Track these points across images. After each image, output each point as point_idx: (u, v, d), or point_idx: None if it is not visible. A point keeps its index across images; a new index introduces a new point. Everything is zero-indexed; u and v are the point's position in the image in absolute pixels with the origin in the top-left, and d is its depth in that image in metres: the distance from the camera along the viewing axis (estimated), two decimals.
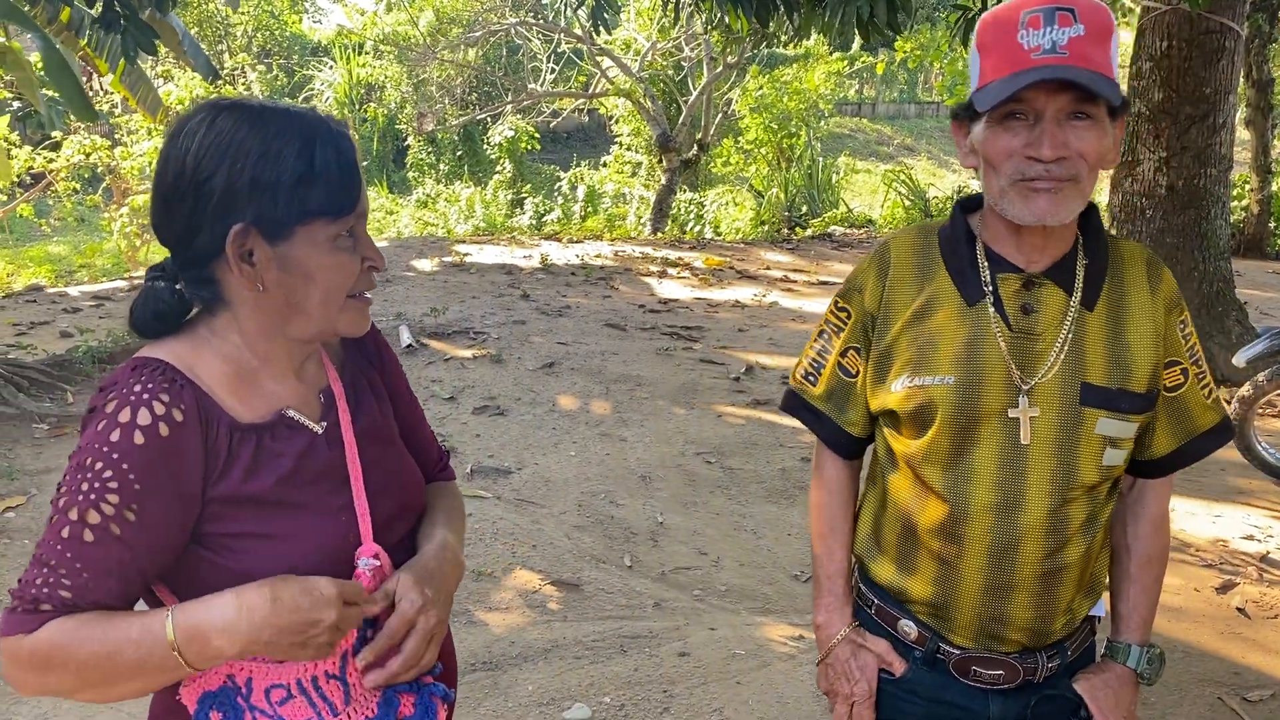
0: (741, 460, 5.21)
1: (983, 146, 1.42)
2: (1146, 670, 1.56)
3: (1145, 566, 1.58)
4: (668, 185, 15.36)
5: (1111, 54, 1.36)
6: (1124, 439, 1.46)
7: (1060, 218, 1.39)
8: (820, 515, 1.69)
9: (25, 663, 1.13)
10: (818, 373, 1.64)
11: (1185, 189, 6.71)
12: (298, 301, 1.22)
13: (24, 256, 12.83)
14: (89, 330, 7.12)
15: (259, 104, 1.21)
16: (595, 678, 3.24)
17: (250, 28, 22.51)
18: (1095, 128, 1.36)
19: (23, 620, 1.13)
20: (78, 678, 1.13)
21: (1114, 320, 1.47)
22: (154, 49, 5.40)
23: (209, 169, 1.16)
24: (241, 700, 1.19)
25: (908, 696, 1.58)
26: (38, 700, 3.03)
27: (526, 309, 8.34)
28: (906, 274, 1.53)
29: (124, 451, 1.12)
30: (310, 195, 1.18)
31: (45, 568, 1.14)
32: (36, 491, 4.44)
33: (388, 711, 1.23)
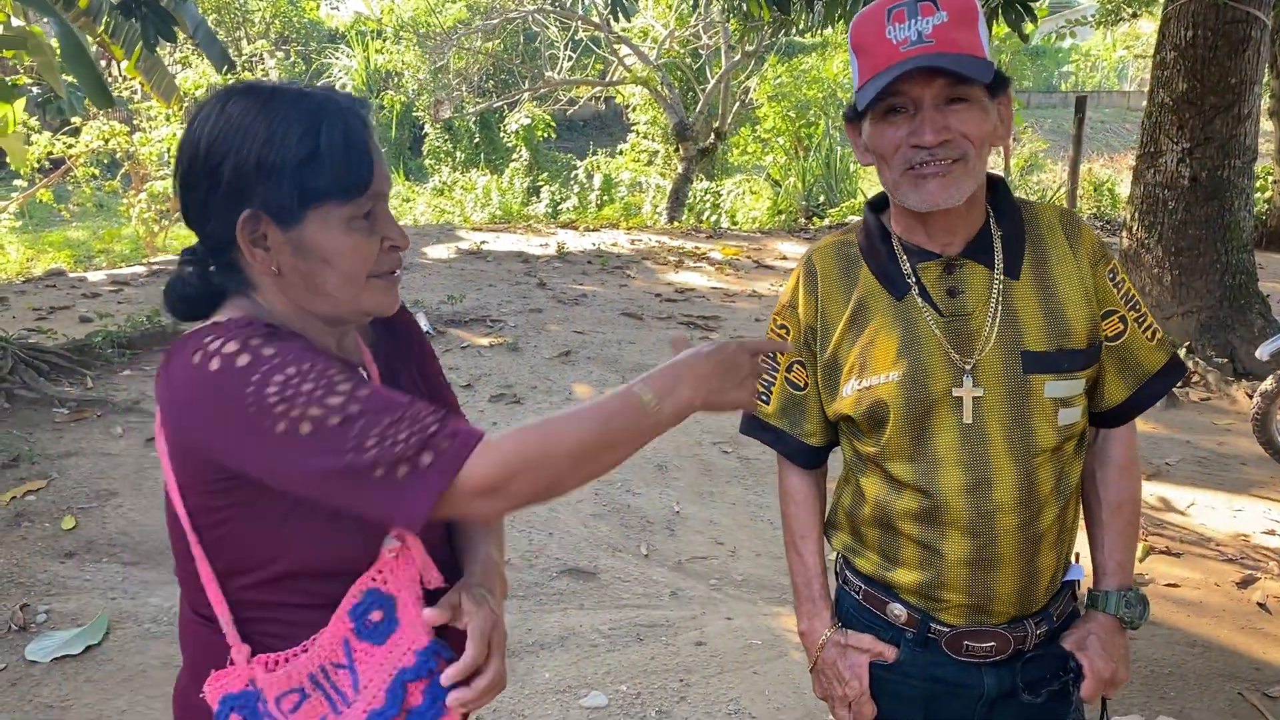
0: (758, 450, 5.19)
1: (871, 142, 1.47)
2: (1127, 613, 1.58)
3: (1116, 512, 1.60)
4: (684, 174, 15.32)
5: (980, 34, 1.41)
6: (1074, 396, 1.50)
7: (953, 199, 1.42)
8: (789, 525, 1.72)
9: (509, 465, 1.09)
10: (768, 391, 1.68)
11: (1209, 180, 6.64)
12: (317, 284, 1.21)
13: (44, 242, 12.90)
14: (108, 315, 7.16)
15: (271, 87, 1.20)
16: (612, 666, 3.24)
17: (268, 14, 22.53)
18: (974, 109, 1.40)
19: (469, 433, 1.10)
20: (570, 460, 1.13)
21: (1041, 284, 1.50)
22: (173, 35, 5.42)
23: (219, 154, 1.16)
24: (260, 705, 1.19)
25: (903, 680, 1.60)
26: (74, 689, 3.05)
27: (543, 297, 8.34)
28: (834, 282, 1.58)
29: (288, 350, 1.12)
30: (317, 177, 1.16)
31: (390, 427, 1.07)
32: (57, 475, 4.47)
33: (395, 700, 1.21)
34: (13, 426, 4.98)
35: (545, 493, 1.14)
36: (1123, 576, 1.60)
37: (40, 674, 3.11)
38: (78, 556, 3.83)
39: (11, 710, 2.93)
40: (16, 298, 8.01)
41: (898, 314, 1.51)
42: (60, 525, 4.05)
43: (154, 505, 4.27)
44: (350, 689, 1.20)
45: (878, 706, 1.61)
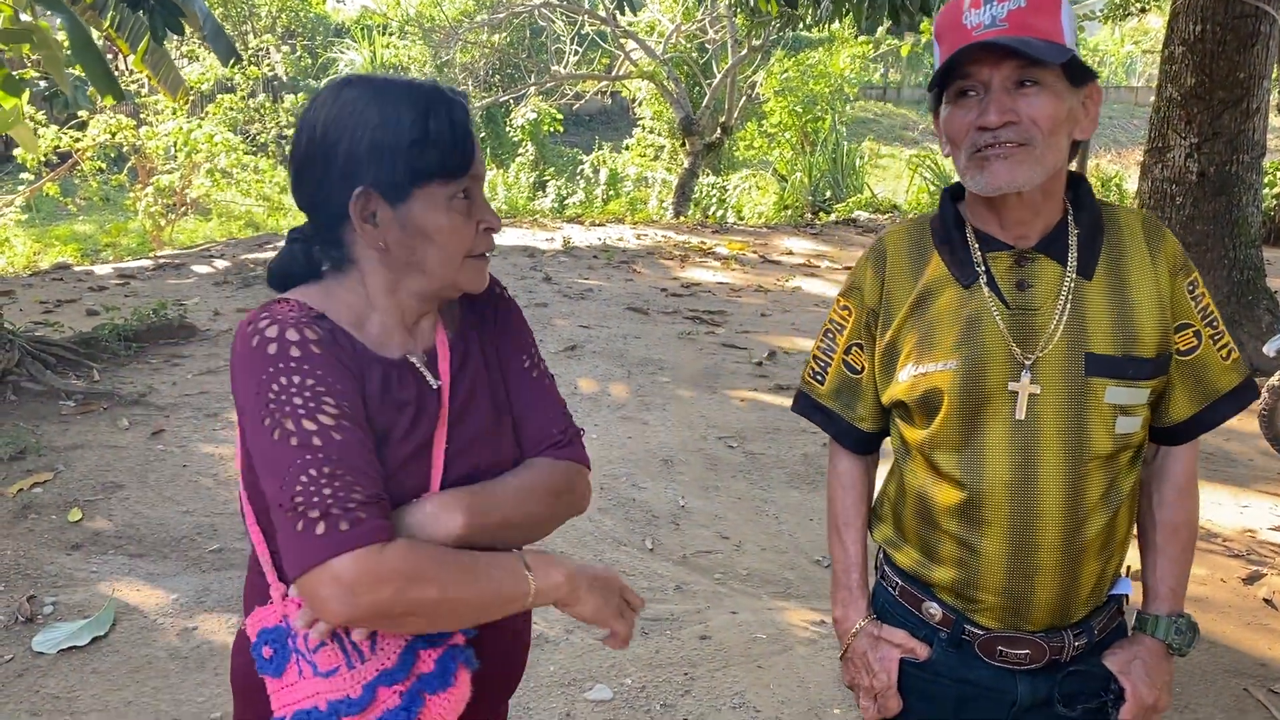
0: (763, 445, 5.20)
1: (944, 126, 1.46)
2: (1176, 641, 1.54)
3: (1172, 535, 1.56)
4: (690, 169, 15.31)
5: (1061, 21, 1.38)
6: (1136, 405, 1.46)
7: (1016, 183, 1.39)
8: (834, 510, 1.72)
9: (390, 574, 1.14)
10: (824, 372, 1.68)
11: (1217, 176, 6.63)
12: (418, 260, 1.30)
13: (51, 235, 12.92)
14: (115, 308, 7.17)
15: (383, 78, 1.31)
16: (616, 659, 3.24)
17: (274, 8, 22.54)
18: (1045, 93, 1.38)
19: (372, 530, 1.15)
20: (441, 592, 1.18)
21: (1115, 287, 1.46)
22: (181, 28, 5.42)
23: (334, 137, 1.26)
24: (291, 641, 1.26)
25: (934, 679, 1.58)
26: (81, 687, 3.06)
27: (548, 291, 8.34)
28: (902, 266, 1.56)
29: (310, 360, 1.21)
30: (425, 158, 1.25)
31: (321, 479, 1.15)
32: (63, 468, 4.48)
33: (406, 664, 1.26)
34: (20, 419, 4.99)
35: (393, 621, 1.18)
36: (1174, 602, 1.56)
37: (47, 665, 3.12)
38: (84, 549, 3.85)
39: (19, 701, 2.94)
40: (23, 291, 8.03)
41: (963, 302, 1.48)
42: (67, 517, 4.06)
43: (160, 498, 4.29)
44: (368, 648, 1.25)
45: (907, 703, 1.60)
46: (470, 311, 1.44)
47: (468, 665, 1.31)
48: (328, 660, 1.25)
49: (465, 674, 1.30)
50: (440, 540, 1.23)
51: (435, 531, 1.23)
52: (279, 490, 1.16)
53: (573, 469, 1.44)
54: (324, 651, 1.25)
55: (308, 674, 1.26)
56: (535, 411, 1.45)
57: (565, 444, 1.45)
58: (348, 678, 1.24)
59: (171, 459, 4.69)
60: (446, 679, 1.28)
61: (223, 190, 13.63)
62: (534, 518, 1.36)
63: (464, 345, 1.40)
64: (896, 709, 1.60)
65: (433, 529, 1.23)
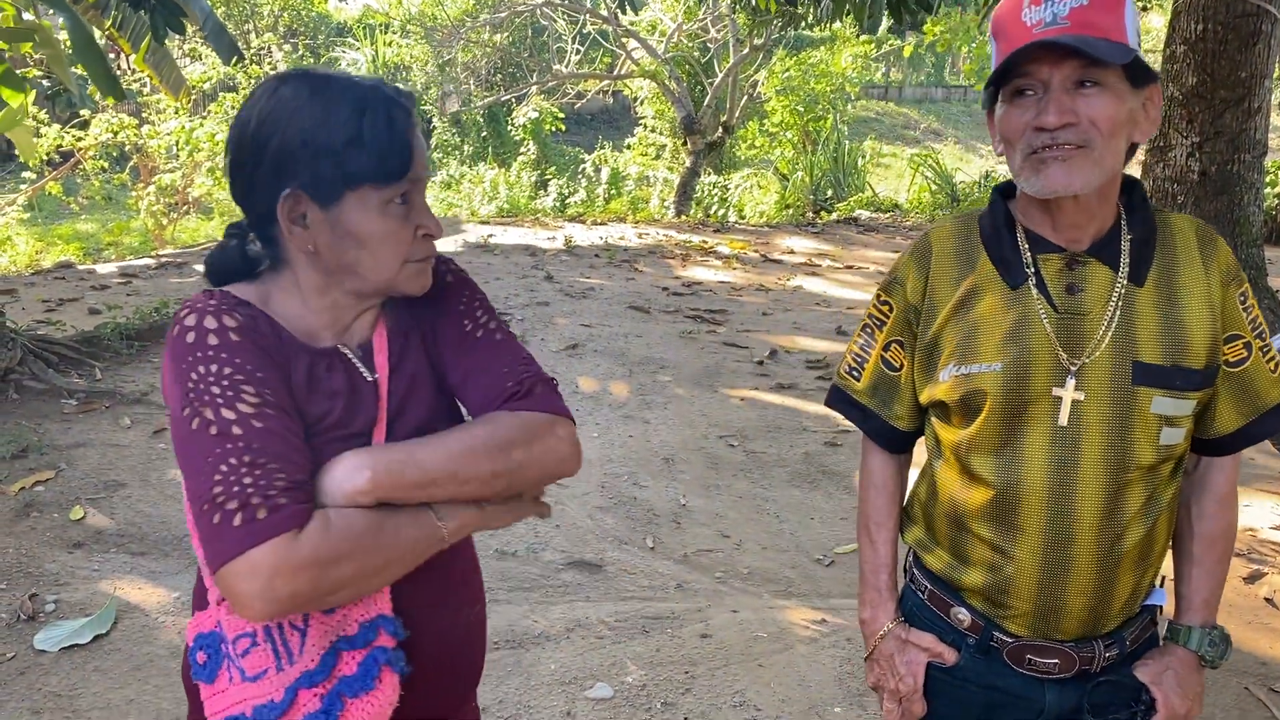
0: (764, 444, 5.20)
1: (1000, 126, 1.42)
2: (1209, 653, 1.52)
3: (1209, 547, 1.54)
4: (692, 168, 15.31)
5: (1125, 20, 1.34)
6: (1181, 417, 1.42)
7: (1074, 187, 1.36)
8: (865, 510, 1.69)
9: (306, 560, 1.11)
10: (861, 367, 1.64)
11: (1218, 175, 6.61)
12: (350, 264, 1.27)
13: (53, 234, 12.92)
14: (117, 307, 7.18)
15: (323, 75, 1.27)
16: (617, 657, 3.24)
17: (276, 7, 22.54)
18: (1106, 94, 1.34)
19: (290, 515, 1.12)
20: (358, 567, 1.16)
21: (1166, 295, 1.43)
22: (182, 28, 5.42)
23: (266, 134, 1.22)
24: (223, 646, 1.25)
25: (961, 685, 1.56)
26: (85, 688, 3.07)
27: (550, 290, 8.34)
28: (948, 264, 1.52)
29: (228, 348, 1.20)
30: (358, 160, 1.21)
31: (241, 468, 1.13)
32: (65, 466, 4.49)
33: (327, 665, 1.23)
34: (22, 418, 5.00)
35: (316, 604, 1.16)
36: (1208, 613, 1.54)
37: (49, 663, 3.13)
38: (86, 547, 3.85)
39: (20, 699, 2.95)
40: (26, 290, 8.04)
41: (1010, 303, 1.45)
42: (69, 516, 4.07)
43: (162, 496, 4.29)
44: (297, 650, 1.23)
45: (933, 708, 1.59)
46: (412, 301, 1.40)
47: (393, 668, 1.26)
48: (255, 664, 1.23)
49: (390, 677, 1.26)
50: (349, 498, 1.17)
51: (344, 489, 1.18)
52: (198, 484, 1.14)
53: (533, 419, 1.32)
54: (253, 654, 1.23)
55: (237, 679, 1.24)
56: (485, 369, 1.36)
57: (523, 394, 1.35)
58: (274, 681, 1.22)
59: (173, 458, 4.69)
60: (368, 682, 1.24)
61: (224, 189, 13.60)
62: (477, 475, 1.24)
63: (403, 338, 1.37)
64: (921, 713, 1.59)
65: (341, 487, 1.18)
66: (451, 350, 1.38)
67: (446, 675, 1.38)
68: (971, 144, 26.17)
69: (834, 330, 7.48)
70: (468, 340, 1.38)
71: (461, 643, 1.40)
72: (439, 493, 1.23)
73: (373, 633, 1.24)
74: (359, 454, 1.21)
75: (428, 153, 1.31)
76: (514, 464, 1.28)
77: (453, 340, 1.39)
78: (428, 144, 10.34)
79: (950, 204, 13.90)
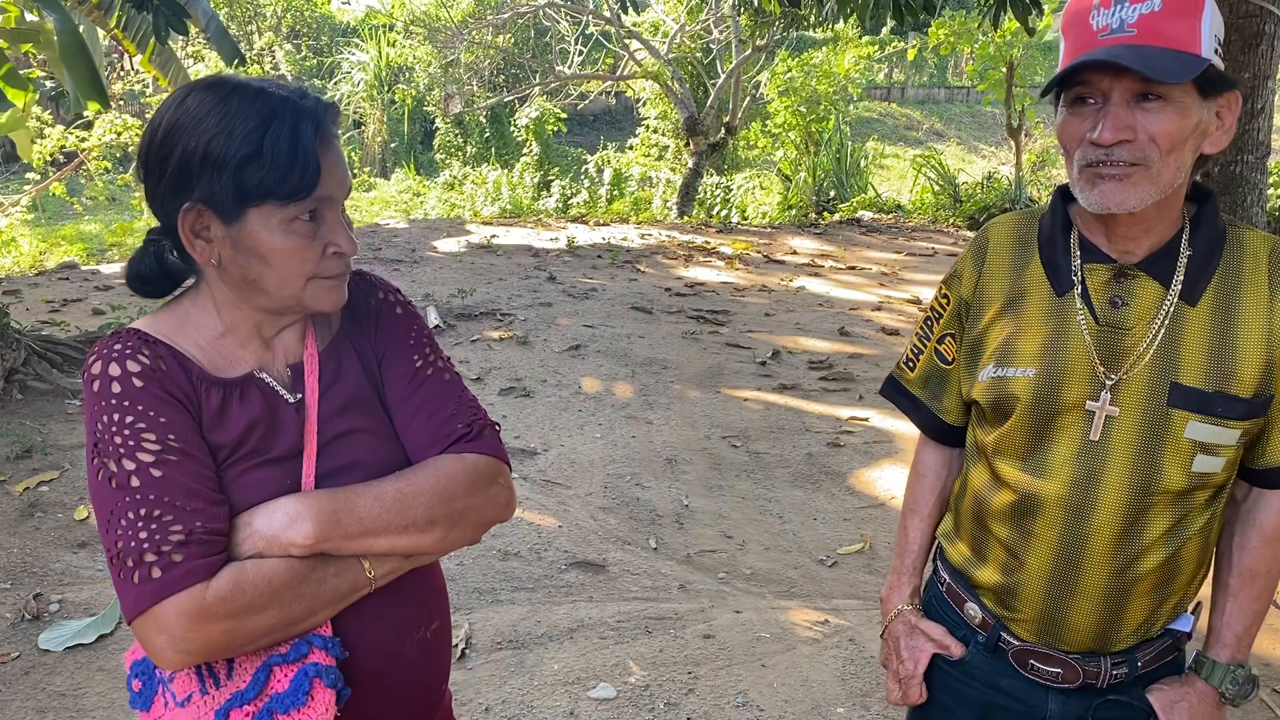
0: (767, 444, 5.20)
1: (1058, 132, 1.37)
2: (1230, 690, 1.46)
3: (1247, 582, 1.47)
4: (694, 169, 15.31)
5: (1201, 27, 1.27)
6: (1221, 445, 1.36)
7: (1128, 205, 1.30)
8: (906, 496, 1.72)
9: (216, 613, 1.12)
10: (916, 358, 1.64)
11: (1221, 176, 6.61)
12: (254, 280, 1.23)
13: (57, 235, 12.93)
14: (121, 307, 7.19)
15: (235, 84, 1.22)
16: (620, 658, 3.25)
17: (279, 8, 22.57)
18: (1169, 108, 1.27)
19: (188, 572, 1.11)
20: (279, 615, 1.17)
21: (1221, 317, 1.36)
22: (185, 28, 5.43)
23: (170, 145, 1.19)
24: (157, 671, 1.25)
25: (965, 680, 1.57)
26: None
27: (553, 291, 8.35)
28: (1003, 262, 1.50)
29: (131, 395, 1.18)
30: (257, 176, 1.17)
31: (139, 521, 1.12)
32: (69, 466, 4.50)
33: (258, 683, 1.22)
34: (26, 418, 5.01)
35: (234, 651, 1.17)
36: (1237, 650, 1.48)
37: (53, 663, 3.14)
38: (90, 547, 3.86)
39: (25, 698, 2.95)
40: (30, 290, 8.05)
41: (1053, 309, 1.42)
42: (73, 516, 4.08)
43: None
44: (224, 674, 1.22)
45: (937, 699, 1.60)
46: (350, 322, 1.37)
47: (325, 682, 1.22)
48: (183, 688, 1.22)
49: (324, 692, 1.22)
50: (284, 548, 1.18)
51: (281, 539, 1.18)
52: (105, 536, 1.15)
53: (482, 464, 1.32)
54: (179, 679, 1.23)
55: (171, 705, 1.23)
56: (433, 409, 1.34)
57: (472, 437, 1.33)
58: (201, 704, 1.21)
59: None
60: (299, 696, 1.21)
61: None
62: (415, 523, 1.24)
63: (337, 359, 1.34)
64: (918, 699, 1.61)
65: (279, 536, 1.18)
66: (400, 384, 1.36)
67: (400, 696, 1.35)
68: (974, 145, 26.16)
69: (836, 331, 7.48)
70: (418, 377, 1.36)
71: (415, 663, 1.35)
72: (377, 545, 1.23)
73: (304, 647, 1.22)
74: (300, 500, 1.21)
75: (346, 168, 1.26)
76: (455, 511, 1.28)
77: (403, 374, 1.36)
78: (431, 145, 10.28)
79: (953, 205, 13.89)
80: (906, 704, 1.64)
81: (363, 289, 1.40)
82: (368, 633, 1.28)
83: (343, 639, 1.25)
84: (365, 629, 1.28)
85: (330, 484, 1.26)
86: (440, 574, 1.45)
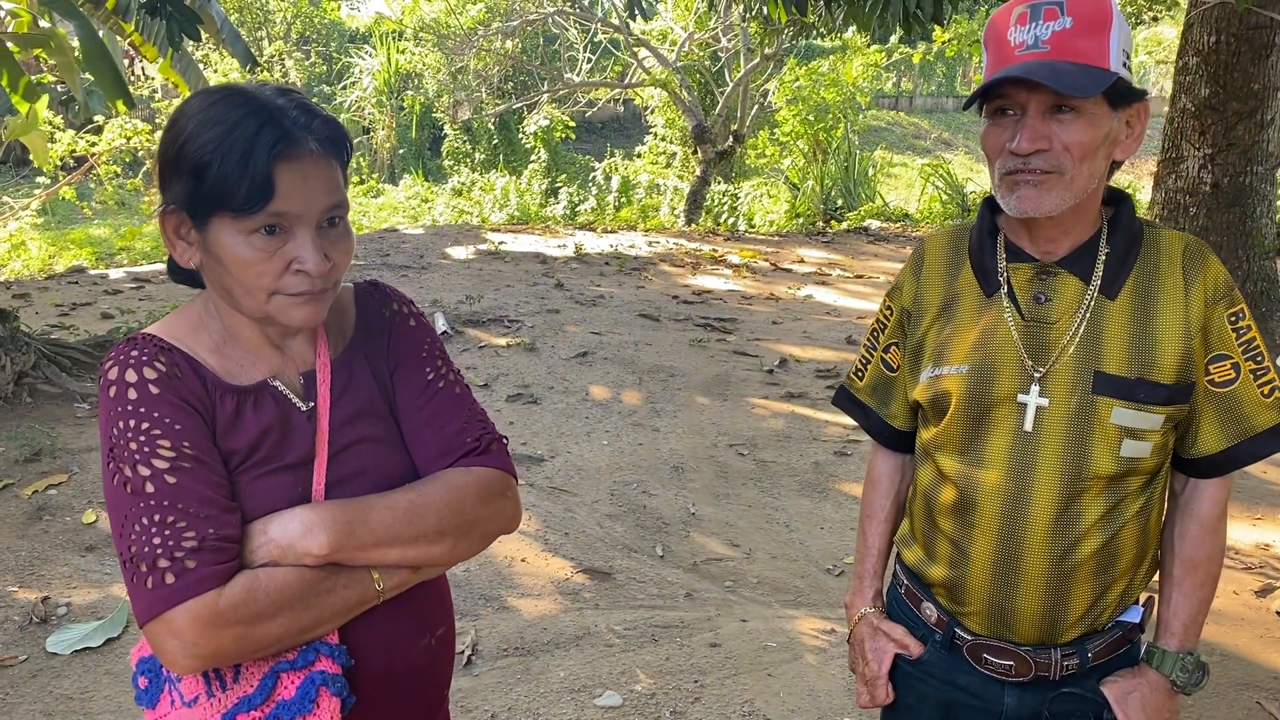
0: (774, 453, 5.20)
1: (981, 142, 1.48)
2: (1181, 678, 1.51)
3: (1190, 571, 1.53)
4: (702, 177, 15.31)
5: (1109, 42, 1.36)
6: (1146, 430, 1.44)
7: (1044, 210, 1.40)
8: (864, 501, 1.79)
9: (228, 619, 1.14)
10: (865, 368, 1.73)
11: (1230, 186, 6.61)
12: (226, 286, 1.25)
13: (66, 239, 12.98)
14: (130, 311, 7.21)
15: (229, 90, 1.23)
16: (626, 666, 3.24)
17: (289, 15, 22.65)
18: (1081, 120, 1.37)
19: (200, 578, 1.13)
20: (289, 623, 1.18)
21: (1140, 309, 1.45)
22: (198, 34, 5.45)
23: (164, 143, 1.24)
24: (163, 670, 1.27)
25: (924, 678, 1.63)
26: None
27: (560, 298, 8.35)
28: (938, 270, 1.59)
29: (146, 402, 1.19)
30: (208, 185, 1.18)
31: (153, 527, 1.14)
32: (78, 470, 4.51)
33: (265, 689, 1.23)
34: (35, 421, 5.02)
35: (244, 657, 1.19)
36: (1185, 638, 1.53)
37: (60, 666, 3.14)
38: (98, 550, 3.87)
39: (32, 701, 2.96)
40: (39, 294, 8.08)
41: (983, 309, 1.51)
42: (81, 519, 4.09)
43: None
44: (231, 677, 1.23)
45: (900, 698, 1.66)
46: (363, 332, 1.39)
47: (331, 690, 1.23)
48: (190, 689, 1.24)
49: (329, 700, 1.23)
50: (299, 557, 1.19)
51: (296, 548, 1.20)
52: (118, 540, 1.17)
53: (491, 477, 1.34)
54: (187, 680, 1.24)
55: (178, 704, 1.24)
56: (444, 422, 1.36)
57: (481, 451, 1.35)
58: (207, 707, 1.22)
59: None
60: (305, 704, 1.22)
61: None
62: (424, 534, 1.26)
63: (349, 368, 1.35)
64: (884, 699, 1.67)
65: (294, 545, 1.20)
66: (411, 396, 1.37)
67: (403, 702, 1.36)
68: (981, 154, 26.09)
69: (844, 340, 7.47)
70: (429, 389, 1.38)
71: (419, 669, 1.36)
72: (388, 555, 1.25)
73: (311, 654, 1.23)
74: (315, 510, 1.22)
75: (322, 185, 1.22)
76: (465, 522, 1.30)
77: (415, 387, 1.38)
78: (439, 151, 10.29)
79: (961, 214, 13.89)
80: (874, 705, 1.69)
81: (377, 300, 1.42)
82: (373, 640, 1.29)
83: (349, 646, 1.26)
84: (371, 636, 1.29)
85: (340, 491, 1.27)
86: (445, 580, 1.46)
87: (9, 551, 3.79)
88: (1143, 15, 12.98)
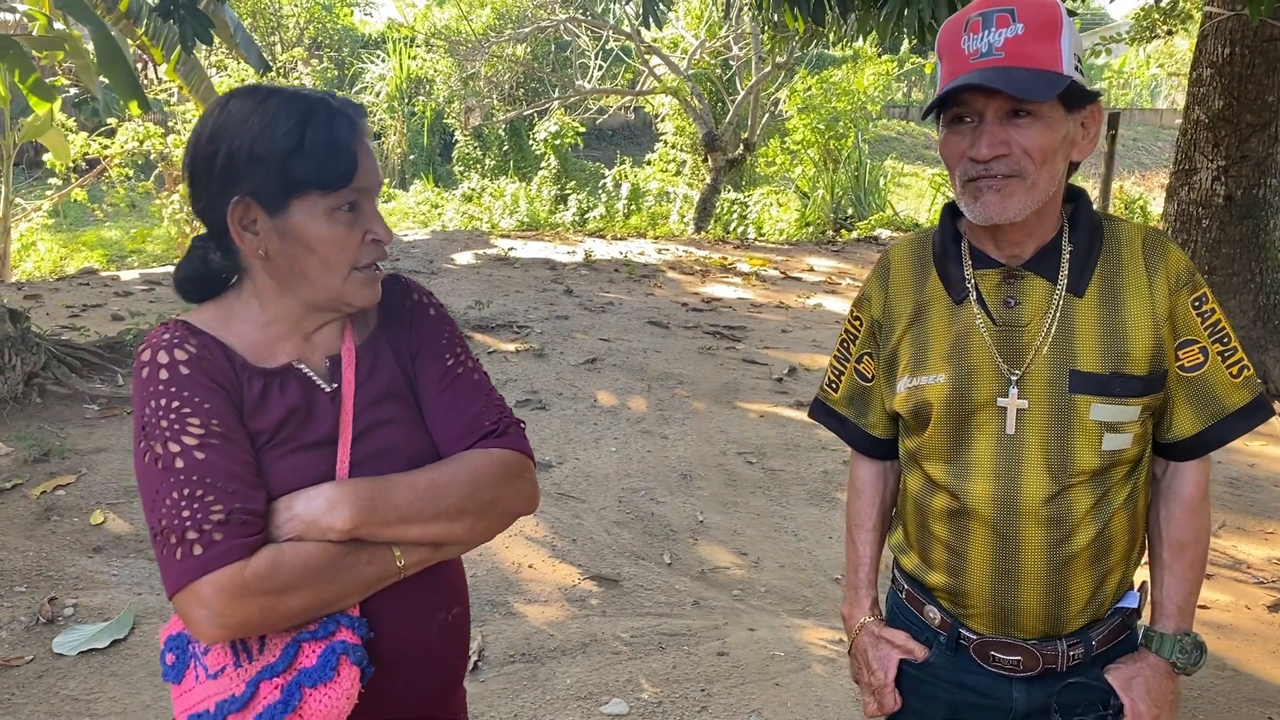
0: (783, 461, 5.18)
1: (940, 150, 1.49)
2: (1180, 659, 1.53)
3: (1179, 552, 1.55)
4: (712, 184, 15.31)
5: (1060, 47, 1.38)
6: (1125, 423, 1.46)
7: (1008, 215, 1.41)
8: (848, 513, 1.79)
9: (254, 590, 1.18)
10: (838, 379, 1.74)
11: (1244, 199, 6.58)
12: (301, 269, 1.31)
13: (78, 241, 13.05)
14: (140, 313, 7.23)
15: (272, 88, 1.32)
16: (633, 674, 3.23)
17: (302, 20, 22.73)
18: (1038, 124, 1.39)
19: (228, 550, 1.18)
20: (313, 596, 1.23)
21: (1108, 304, 1.47)
22: (210, 38, 5.46)
23: (216, 145, 1.28)
24: (190, 646, 1.31)
25: (931, 681, 1.63)
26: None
27: (569, 304, 8.35)
28: (904, 280, 1.60)
29: (177, 382, 1.25)
30: (300, 168, 1.26)
31: (182, 501, 1.19)
32: (87, 471, 4.52)
33: (287, 657, 1.26)
34: (44, 422, 5.04)
35: (269, 628, 1.23)
36: (1181, 620, 1.55)
37: (67, 667, 3.14)
38: (105, 551, 3.87)
39: (38, 702, 2.96)
40: (50, 295, 8.11)
41: (953, 317, 1.52)
42: (89, 520, 4.09)
43: None
44: (256, 648, 1.27)
45: (908, 704, 1.65)
46: (386, 320, 1.45)
47: (351, 659, 1.27)
48: (215, 661, 1.28)
49: (349, 669, 1.26)
50: (322, 532, 1.24)
51: (320, 523, 1.24)
52: (149, 514, 1.22)
53: (509, 458, 1.40)
54: (213, 653, 1.28)
55: (202, 677, 1.29)
56: (463, 406, 1.42)
57: (500, 434, 1.41)
58: (234, 676, 1.27)
59: None
60: (326, 672, 1.26)
61: None
62: (446, 512, 1.31)
63: (374, 354, 1.41)
64: (893, 707, 1.66)
65: (318, 521, 1.24)
66: (432, 381, 1.43)
67: (420, 677, 1.40)
68: None
69: None
70: (449, 375, 1.44)
71: (436, 645, 1.41)
72: (409, 532, 1.30)
73: (333, 625, 1.27)
74: (339, 488, 1.27)
75: (377, 163, 1.36)
76: (485, 501, 1.36)
77: (435, 373, 1.43)
78: (450, 157, 10.42)
79: None
80: (883, 714, 1.68)
81: (398, 290, 1.48)
82: (392, 614, 1.34)
83: (369, 619, 1.30)
84: (390, 610, 1.33)
85: (363, 470, 1.32)
86: (460, 562, 1.51)
87: (17, 552, 3.79)
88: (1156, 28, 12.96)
